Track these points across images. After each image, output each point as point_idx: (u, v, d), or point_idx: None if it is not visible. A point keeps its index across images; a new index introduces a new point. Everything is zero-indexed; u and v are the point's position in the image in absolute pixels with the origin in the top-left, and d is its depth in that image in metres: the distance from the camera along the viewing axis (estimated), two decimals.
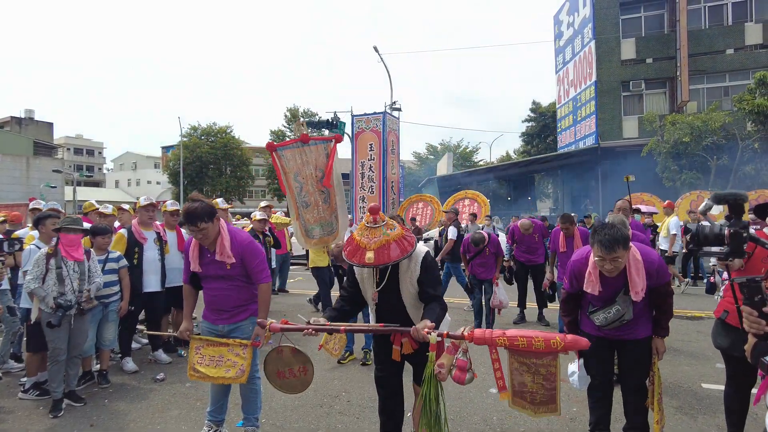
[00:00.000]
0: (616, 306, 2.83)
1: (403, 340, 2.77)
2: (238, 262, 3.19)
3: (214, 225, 3.10)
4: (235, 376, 3.15)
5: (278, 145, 5.61)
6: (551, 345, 2.36)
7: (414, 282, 2.76)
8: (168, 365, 5.31)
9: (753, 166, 16.39)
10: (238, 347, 3.18)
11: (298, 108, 40.84)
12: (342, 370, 5.20)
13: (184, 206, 3.16)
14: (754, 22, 19.87)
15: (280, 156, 5.49)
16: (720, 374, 4.55)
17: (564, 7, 25.34)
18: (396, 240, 2.62)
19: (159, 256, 5.39)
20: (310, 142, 5.49)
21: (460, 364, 2.43)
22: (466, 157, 47.51)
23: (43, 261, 4.08)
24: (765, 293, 1.59)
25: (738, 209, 1.62)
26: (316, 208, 5.50)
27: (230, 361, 3.17)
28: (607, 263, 2.72)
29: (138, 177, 66.96)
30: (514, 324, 7.23)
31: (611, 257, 2.69)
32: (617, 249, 2.66)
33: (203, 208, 3.04)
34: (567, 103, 25.21)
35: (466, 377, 2.44)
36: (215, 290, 3.27)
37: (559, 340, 2.36)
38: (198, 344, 3.26)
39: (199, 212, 3.01)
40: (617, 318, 2.85)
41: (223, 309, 3.28)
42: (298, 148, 5.50)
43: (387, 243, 2.60)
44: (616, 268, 2.75)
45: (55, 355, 4.05)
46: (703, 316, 7.51)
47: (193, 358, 3.24)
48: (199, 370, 3.20)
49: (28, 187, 32.71)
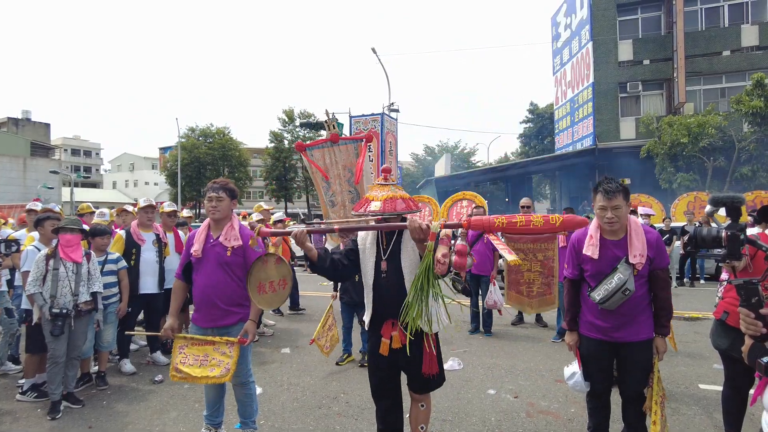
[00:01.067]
0: (618, 274, 2.77)
1: (393, 333, 2.72)
2: (240, 251, 3.24)
3: (230, 203, 3.30)
4: (220, 375, 3.08)
5: (308, 145, 5.63)
6: (550, 222, 2.41)
7: (415, 247, 2.70)
8: (166, 367, 5.30)
9: (749, 168, 16.46)
10: (224, 345, 3.13)
11: (293, 109, 40.85)
12: (340, 372, 5.20)
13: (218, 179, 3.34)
14: (750, 24, 19.97)
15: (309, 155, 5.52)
16: (717, 375, 4.57)
17: (561, 9, 25.42)
18: (403, 198, 2.69)
19: (157, 258, 5.38)
20: (340, 142, 5.50)
21: (460, 248, 2.41)
22: (464, 158, 47.60)
23: (43, 262, 4.09)
24: (762, 295, 1.60)
25: (735, 212, 1.63)
26: (342, 208, 5.51)
27: (215, 360, 3.11)
28: (608, 212, 2.79)
29: (135, 178, 66.84)
30: (512, 325, 7.24)
31: (612, 204, 2.77)
32: (618, 196, 2.77)
33: (232, 185, 3.39)
34: (564, 105, 25.28)
35: (467, 261, 2.44)
36: (209, 281, 3.22)
37: (557, 216, 2.41)
38: (182, 343, 3.20)
39: (227, 184, 3.34)
40: (619, 288, 2.75)
41: (214, 304, 3.22)
42: (328, 147, 5.51)
43: (394, 197, 2.66)
44: (617, 218, 2.79)
45: (55, 357, 4.04)
46: (700, 317, 7.54)
47: (176, 358, 3.16)
48: (182, 370, 3.12)
49: (25, 188, 32.64)
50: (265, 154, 43.05)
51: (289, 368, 5.34)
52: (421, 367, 2.73)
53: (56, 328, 3.97)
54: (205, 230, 3.33)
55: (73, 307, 4.09)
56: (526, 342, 6.29)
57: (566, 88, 24.91)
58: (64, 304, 4.05)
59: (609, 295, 2.78)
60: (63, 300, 4.06)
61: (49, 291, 4.02)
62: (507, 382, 4.81)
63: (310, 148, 5.63)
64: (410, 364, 2.75)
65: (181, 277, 3.41)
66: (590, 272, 2.96)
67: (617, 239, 2.89)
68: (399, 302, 2.65)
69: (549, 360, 5.47)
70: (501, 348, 6.01)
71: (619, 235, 2.89)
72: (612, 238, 2.90)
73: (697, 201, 14.80)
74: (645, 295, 2.93)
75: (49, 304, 3.99)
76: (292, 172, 42.33)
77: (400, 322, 2.57)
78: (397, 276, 2.75)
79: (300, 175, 42.76)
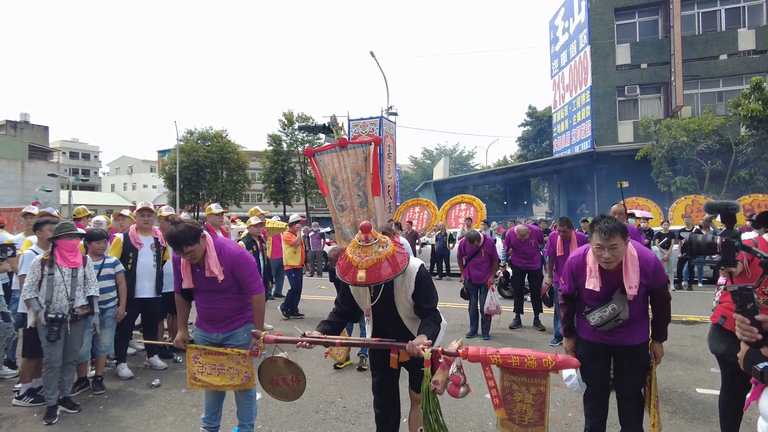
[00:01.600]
0: (612, 304, 2.82)
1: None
2: (228, 274, 3.17)
3: (200, 245, 3.07)
4: (242, 383, 3.15)
5: (316, 151, 5.65)
6: (543, 364, 2.39)
7: (409, 297, 2.78)
8: (163, 371, 5.29)
9: (747, 171, 16.51)
10: (237, 356, 3.17)
11: (293, 112, 40.89)
12: (338, 376, 5.19)
13: (166, 231, 3.11)
14: (746, 28, 20.08)
15: (318, 161, 5.54)
16: (715, 379, 4.58)
17: (559, 13, 25.53)
18: (388, 258, 2.62)
19: (154, 262, 5.35)
20: (348, 146, 5.52)
21: (455, 379, 2.47)
22: (463, 162, 47.69)
23: (38, 267, 4.07)
24: (757, 301, 1.60)
25: (730, 218, 1.64)
26: (351, 212, 5.54)
27: (233, 369, 3.16)
28: (605, 251, 2.76)
29: (134, 181, 66.79)
30: (510, 329, 7.24)
31: (609, 244, 2.73)
32: (615, 236, 2.72)
33: (186, 231, 2.99)
34: (563, 108, 25.35)
35: (460, 391, 2.48)
36: (207, 302, 3.25)
37: (550, 359, 2.38)
38: (195, 353, 3.23)
39: (183, 236, 2.98)
40: (613, 317, 2.83)
41: (216, 319, 3.27)
42: (336, 152, 5.53)
43: (379, 262, 2.60)
44: (614, 258, 2.77)
45: (51, 362, 4.03)
46: (698, 320, 7.55)
47: (193, 367, 3.21)
48: (201, 378, 3.18)
49: (23, 191, 32.57)
50: (263, 157, 43.06)
51: None
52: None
53: (52, 334, 3.96)
54: (188, 264, 3.23)
55: (69, 312, 4.08)
56: (524, 345, 6.29)
57: (564, 91, 24.99)
58: (60, 309, 4.04)
59: (603, 322, 2.86)
60: (59, 305, 4.04)
61: (45, 296, 4.01)
62: None
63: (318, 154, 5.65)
64: (415, 364, 2.78)
65: (181, 294, 3.42)
66: (586, 298, 3.01)
67: (615, 270, 2.89)
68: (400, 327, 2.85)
69: None
70: None
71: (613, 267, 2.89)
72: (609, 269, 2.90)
73: (695, 204, 14.85)
74: (642, 309, 2.96)
75: (44, 309, 3.97)
76: (290, 175, 42.32)
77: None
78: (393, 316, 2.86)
79: (299, 178, 42.76)
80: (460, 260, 6.97)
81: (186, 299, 3.42)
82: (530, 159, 32.30)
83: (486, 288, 6.62)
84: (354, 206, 5.51)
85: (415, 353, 2.53)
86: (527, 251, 7.40)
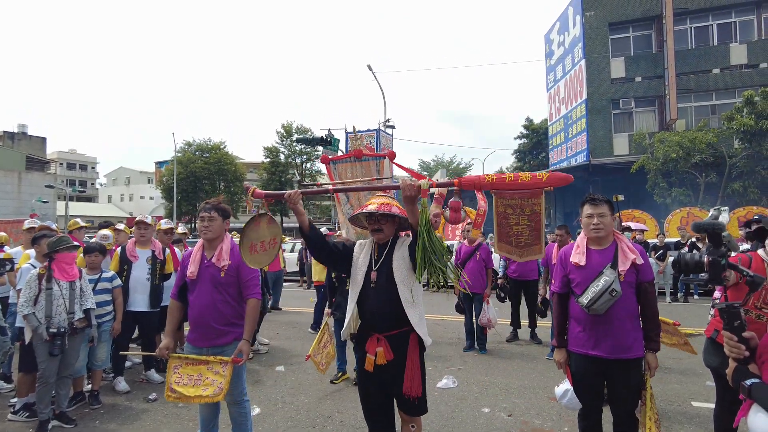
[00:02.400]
0: (604, 276, 2.85)
1: (378, 349, 2.72)
2: (233, 271, 3.27)
3: (223, 223, 3.32)
4: (213, 394, 3.08)
5: (333, 159, 5.73)
6: (536, 177, 2.53)
7: (406, 255, 2.77)
8: (160, 385, 5.27)
9: (741, 184, 16.65)
10: (218, 365, 3.14)
11: (291, 124, 41.10)
12: (334, 391, 5.19)
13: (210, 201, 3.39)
14: (738, 43, 20.39)
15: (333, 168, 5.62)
16: (710, 392, 4.59)
17: (554, 27, 25.85)
18: (398, 206, 2.82)
19: (147, 276, 5.32)
20: (363, 158, 5.61)
21: (453, 204, 2.56)
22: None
23: (35, 282, 4.06)
24: (744, 319, 1.65)
25: (716, 238, 1.69)
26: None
27: (209, 380, 3.11)
28: (594, 218, 2.94)
29: (131, 192, 66.70)
30: (507, 342, 7.25)
31: (598, 212, 2.93)
32: (603, 205, 2.95)
33: (224, 206, 3.39)
34: (558, 121, 25.56)
35: (461, 215, 2.58)
36: (204, 301, 3.24)
37: (544, 173, 2.56)
38: (177, 363, 3.20)
39: (219, 205, 3.35)
40: (605, 289, 2.81)
41: (209, 325, 3.24)
42: (351, 162, 5.62)
43: (390, 203, 2.82)
44: (602, 225, 2.93)
45: (46, 376, 4.02)
46: (693, 333, 7.57)
47: (171, 378, 3.17)
48: (177, 390, 3.13)
49: (20, 202, 32.49)
50: (261, 169, 43.14)
51: (284, 387, 5.33)
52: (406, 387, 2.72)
53: (55, 348, 3.95)
54: (199, 251, 3.35)
55: (68, 326, 4.08)
56: (521, 359, 6.30)
57: (560, 104, 25.21)
58: (60, 323, 4.04)
59: (596, 297, 2.83)
60: (58, 319, 4.05)
61: (44, 311, 4.00)
62: (501, 400, 4.81)
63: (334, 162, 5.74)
64: (395, 385, 2.75)
65: (177, 297, 3.42)
66: (577, 281, 3.01)
67: (603, 248, 2.99)
68: (387, 315, 2.73)
69: (543, 378, 5.49)
70: (496, 365, 6.02)
71: (604, 244, 3.00)
72: (597, 248, 3.00)
73: (690, 216, 14.94)
74: (633, 305, 2.95)
75: (45, 324, 3.97)
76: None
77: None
78: (388, 285, 2.77)
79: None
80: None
81: (182, 301, 3.41)
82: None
83: (481, 299, 6.62)
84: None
85: (408, 183, 2.62)
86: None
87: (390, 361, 2.71)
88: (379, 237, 2.87)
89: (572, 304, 3.08)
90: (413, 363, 2.73)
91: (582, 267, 2.99)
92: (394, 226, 2.90)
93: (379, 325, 2.76)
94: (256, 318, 3.37)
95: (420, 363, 2.79)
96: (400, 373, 2.72)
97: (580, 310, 2.97)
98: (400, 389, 2.74)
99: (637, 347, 2.94)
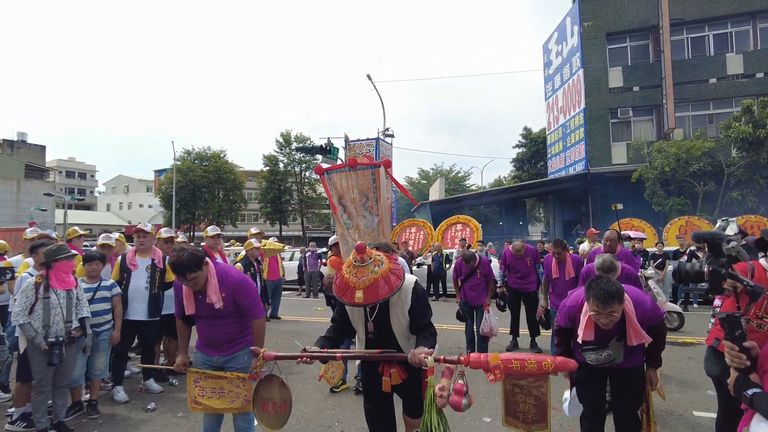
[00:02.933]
0: (608, 350, 2.90)
1: (392, 370, 2.79)
2: (229, 300, 3.21)
3: (203, 272, 3.11)
4: (242, 405, 3.16)
5: (327, 169, 5.73)
6: (543, 367, 2.47)
7: (405, 313, 2.82)
8: (159, 395, 5.25)
9: (739, 192, 16.70)
10: (236, 380, 3.18)
11: (290, 132, 41.23)
12: (335, 400, 5.16)
13: (171, 257, 3.17)
14: (734, 53, 20.56)
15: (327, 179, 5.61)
16: (712, 402, 4.58)
17: (553, 37, 26.06)
18: (384, 276, 2.66)
19: (146, 284, 5.28)
20: (358, 167, 5.60)
21: (457, 387, 2.47)
22: (458, 182, 47.97)
23: (32, 291, 4.03)
24: (744, 328, 1.66)
25: (716, 248, 1.70)
26: (357, 231, 5.62)
27: (232, 393, 3.18)
28: (603, 317, 2.75)
29: (130, 200, 66.69)
30: (507, 351, 7.23)
31: (607, 312, 2.72)
32: (613, 304, 2.69)
33: (190, 258, 3.02)
34: (557, 130, 25.68)
35: (463, 402, 2.46)
36: (209, 327, 3.28)
37: (550, 362, 2.48)
38: (195, 377, 3.24)
39: (186, 263, 3.00)
40: (608, 361, 2.92)
41: (218, 344, 3.29)
42: (346, 172, 5.61)
43: (375, 281, 2.63)
44: (611, 322, 2.77)
45: (41, 385, 3.99)
46: (694, 342, 7.56)
47: (193, 391, 3.22)
48: (202, 402, 3.19)
49: (18, 210, 32.46)
50: (260, 177, 43.16)
51: None
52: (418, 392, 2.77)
53: (54, 357, 3.93)
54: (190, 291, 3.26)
55: (65, 335, 4.06)
56: None
57: (558, 113, 25.34)
58: (57, 332, 4.01)
59: (598, 363, 2.95)
60: (56, 328, 4.02)
61: (41, 320, 3.97)
62: None
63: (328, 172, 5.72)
64: (407, 389, 2.80)
65: (182, 319, 3.43)
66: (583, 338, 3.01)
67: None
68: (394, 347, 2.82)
69: None
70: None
71: None
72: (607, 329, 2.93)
73: (689, 225, 14.98)
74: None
75: (43, 333, 3.95)
76: (287, 195, 42.38)
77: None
78: (386, 333, 2.86)
79: (295, 198, 42.82)
80: (456, 281, 6.98)
81: (187, 324, 3.44)
82: (525, 180, 32.55)
83: (482, 310, 6.61)
84: (359, 226, 5.58)
85: (417, 362, 2.54)
86: (523, 270, 7.41)
87: (404, 380, 2.79)
88: None
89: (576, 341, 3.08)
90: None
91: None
92: None
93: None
94: (263, 335, 3.40)
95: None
96: (415, 391, 2.77)
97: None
98: (411, 394, 2.81)
99: (638, 358, 2.99)
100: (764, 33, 20.48)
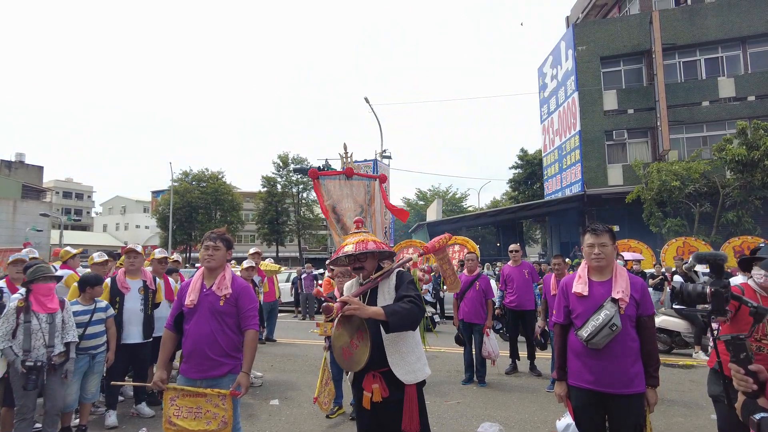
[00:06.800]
0: (604, 310, 2.84)
1: (374, 385, 2.65)
2: (232, 301, 3.24)
3: (226, 253, 3.36)
4: (218, 428, 3.01)
5: (322, 174, 5.69)
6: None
7: (392, 291, 2.75)
8: (151, 419, 5.12)
9: (735, 213, 16.77)
10: (216, 398, 3.06)
11: (288, 154, 41.49)
12: (330, 426, 5.05)
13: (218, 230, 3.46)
14: (726, 77, 20.90)
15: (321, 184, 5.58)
16: (714, 426, 4.49)
17: (547, 61, 26.47)
18: (374, 240, 2.86)
19: (141, 306, 5.22)
20: (354, 177, 5.58)
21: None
22: (456, 203, 48.11)
23: (13, 315, 3.93)
24: (750, 351, 1.62)
25: (718, 269, 1.67)
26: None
27: (210, 413, 3.03)
28: (596, 248, 2.96)
29: (126, 221, 66.50)
30: (506, 374, 7.12)
31: (600, 242, 2.95)
32: (605, 235, 2.97)
33: (229, 237, 3.46)
34: (553, 152, 25.87)
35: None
36: (201, 329, 3.18)
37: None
38: (173, 395, 3.11)
39: (223, 234, 3.41)
40: (605, 323, 2.79)
41: (205, 355, 3.16)
42: (341, 180, 5.58)
43: (365, 239, 2.84)
44: (604, 255, 2.95)
45: (23, 412, 3.88)
46: (695, 364, 7.48)
47: (169, 410, 3.08)
48: (177, 423, 3.04)
49: (14, 231, 32.31)
50: (257, 198, 43.23)
51: (278, 421, 5.18)
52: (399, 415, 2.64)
53: (30, 383, 3.80)
54: (199, 279, 3.32)
55: (46, 360, 3.94)
56: (521, 392, 6.18)
57: (554, 135, 25.57)
58: (37, 357, 3.91)
59: (596, 331, 2.82)
60: (36, 353, 3.91)
61: (22, 345, 3.86)
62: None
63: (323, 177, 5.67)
64: (393, 421, 2.67)
65: (172, 328, 3.35)
66: (578, 312, 2.99)
67: (604, 280, 2.99)
68: (378, 353, 2.63)
69: (543, 411, 5.37)
70: (495, 399, 5.89)
71: (605, 275, 3.00)
72: (599, 279, 3.00)
73: (686, 246, 14.96)
74: (633, 339, 2.91)
75: (21, 357, 3.84)
76: (284, 216, 42.38)
77: None
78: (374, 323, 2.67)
79: (292, 219, 42.82)
80: (456, 302, 6.87)
81: (176, 331, 3.35)
82: (522, 201, 32.66)
83: (481, 330, 6.50)
84: None
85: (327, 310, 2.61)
86: (520, 285, 7.33)
87: (386, 398, 2.63)
88: (364, 274, 2.86)
89: (572, 337, 3.05)
90: (411, 399, 2.65)
91: (584, 297, 2.98)
92: (375, 258, 2.89)
93: (373, 362, 2.65)
94: (254, 349, 3.30)
95: (418, 398, 2.71)
96: (398, 410, 2.64)
97: (579, 344, 2.94)
98: (398, 426, 2.65)
99: (638, 382, 2.88)
100: (754, 57, 20.87)
